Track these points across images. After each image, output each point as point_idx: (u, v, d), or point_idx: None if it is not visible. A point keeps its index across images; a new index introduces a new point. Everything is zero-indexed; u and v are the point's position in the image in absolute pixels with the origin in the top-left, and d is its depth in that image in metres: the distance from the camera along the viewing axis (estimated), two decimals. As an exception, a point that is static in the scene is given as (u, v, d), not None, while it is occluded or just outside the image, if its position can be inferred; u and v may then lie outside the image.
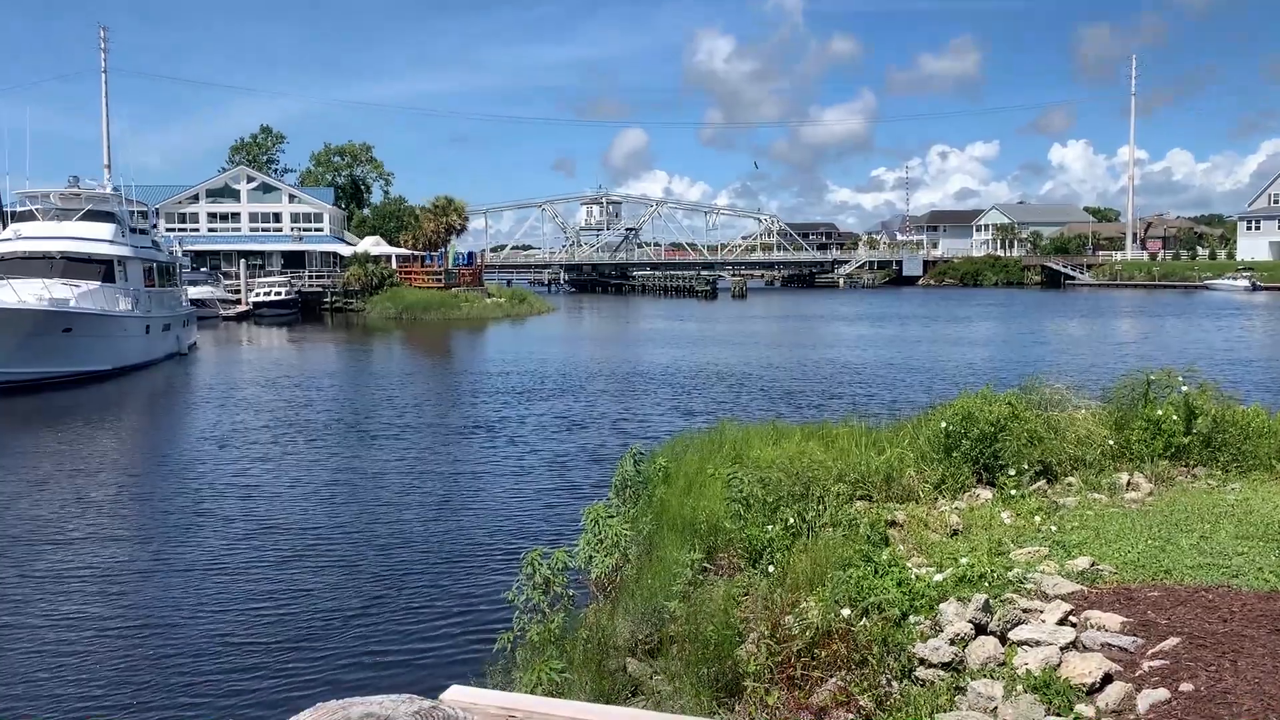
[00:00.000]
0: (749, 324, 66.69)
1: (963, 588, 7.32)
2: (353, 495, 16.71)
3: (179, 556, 13.27)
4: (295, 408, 27.18)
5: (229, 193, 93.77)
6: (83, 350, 33.21)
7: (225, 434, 22.89)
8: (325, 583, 12.10)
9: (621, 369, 36.42)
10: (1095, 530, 9.48)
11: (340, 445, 21.47)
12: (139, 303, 38.89)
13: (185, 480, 18.09)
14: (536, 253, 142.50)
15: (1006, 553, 8.79)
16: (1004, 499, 10.81)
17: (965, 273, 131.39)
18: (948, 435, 11.88)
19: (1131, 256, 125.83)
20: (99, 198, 40.38)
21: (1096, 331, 54.59)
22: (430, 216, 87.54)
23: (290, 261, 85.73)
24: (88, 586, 12.16)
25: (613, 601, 9.85)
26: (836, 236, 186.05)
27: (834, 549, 8.52)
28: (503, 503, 16.25)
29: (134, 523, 15.23)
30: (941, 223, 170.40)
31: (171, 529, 14.67)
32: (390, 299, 74.86)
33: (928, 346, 44.91)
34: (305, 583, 12.10)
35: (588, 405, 27.19)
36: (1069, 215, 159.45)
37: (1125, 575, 8.05)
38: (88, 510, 15.88)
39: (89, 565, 13.01)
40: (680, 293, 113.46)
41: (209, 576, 12.37)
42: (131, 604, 11.55)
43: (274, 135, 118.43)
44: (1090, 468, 11.91)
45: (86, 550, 13.67)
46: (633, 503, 11.73)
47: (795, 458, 11.75)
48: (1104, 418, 12.91)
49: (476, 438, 22.27)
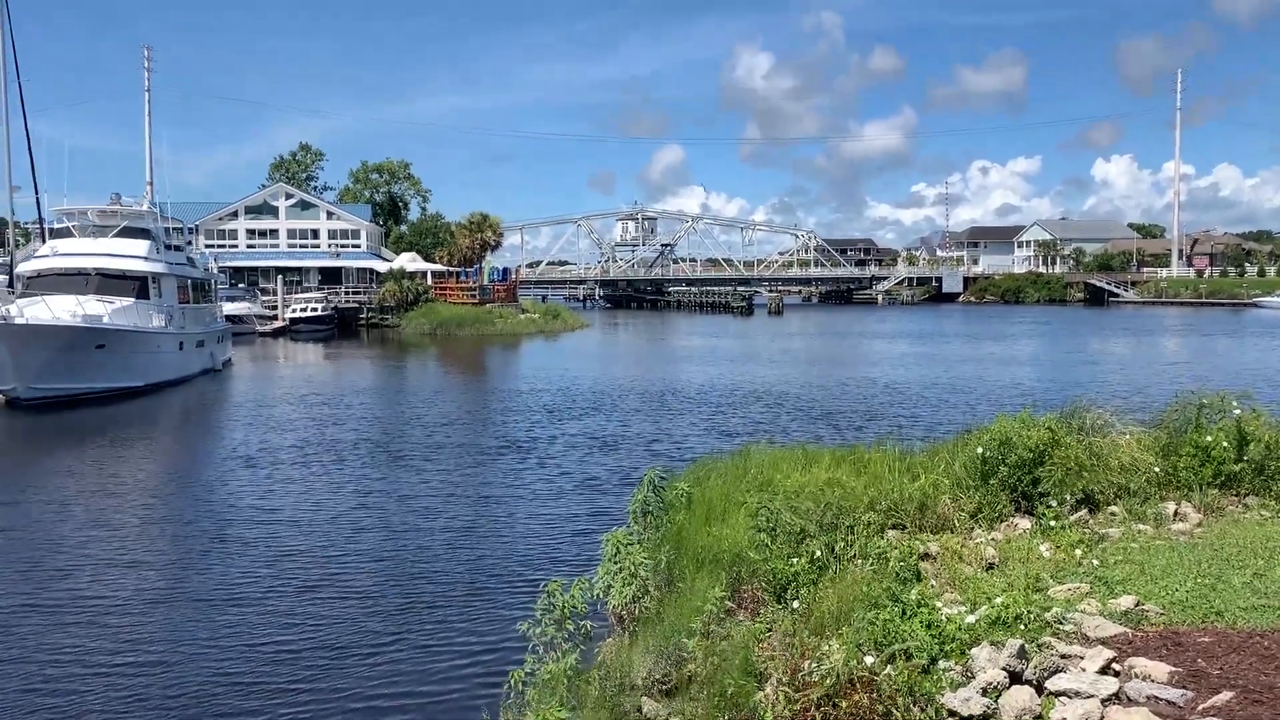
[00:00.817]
0: (785, 341, 66.10)
1: (997, 630, 6.87)
2: (377, 520, 16.45)
3: (197, 584, 13.07)
4: (325, 426, 27.09)
5: (268, 209, 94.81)
6: (116, 366, 33.40)
7: (254, 453, 22.81)
8: (343, 615, 11.81)
9: (655, 387, 36.07)
10: (1140, 565, 8.99)
11: (369, 466, 21.28)
12: (173, 319, 39.16)
13: (210, 502, 17.96)
14: (572, 268, 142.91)
15: (1045, 589, 8.33)
16: (1043, 530, 10.31)
17: (1006, 289, 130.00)
18: (984, 461, 11.41)
19: (1177, 273, 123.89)
20: (135, 214, 40.75)
21: (1142, 351, 53.45)
22: (465, 233, 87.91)
23: (327, 278, 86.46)
24: (103, 613, 11.98)
25: (631, 635, 9.47)
26: (875, 252, 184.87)
27: (862, 585, 8.10)
28: (530, 527, 15.91)
29: (154, 547, 15.07)
30: (982, 239, 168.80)
31: (192, 554, 14.49)
32: (425, 315, 75.18)
33: (968, 366, 44.14)
34: (322, 614, 11.82)
35: (620, 424, 26.86)
36: (1112, 231, 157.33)
37: (1173, 616, 7.56)
38: (109, 532, 15.76)
39: (106, 590, 12.84)
40: (716, 309, 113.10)
41: (225, 606, 12.14)
42: (144, 633, 11.33)
43: (313, 153, 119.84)
44: (1135, 496, 11.38)
45: (104, 574, 13.53)
46: (654, 529, 11.35)
47: (825, 485, 11.33)
48: (1150, 444, 12.35)
49: (506, 458, 22.00)
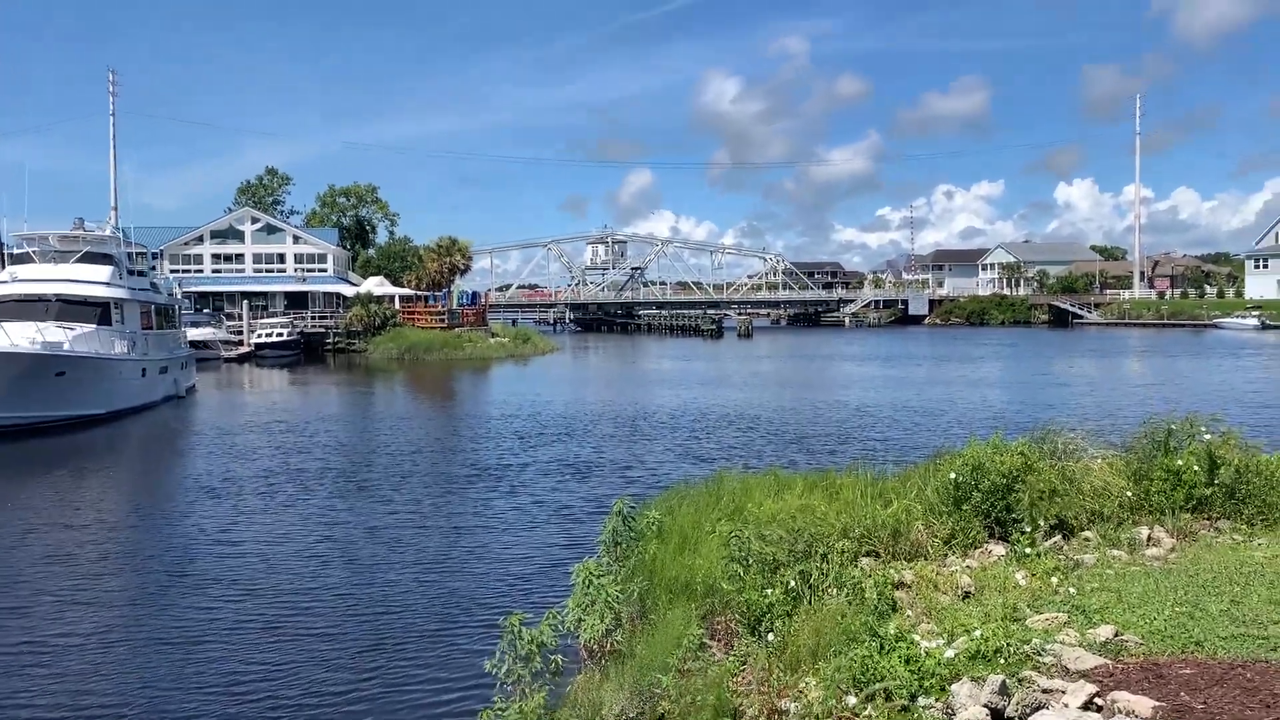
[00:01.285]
0: (755, 364, 66.12)
1: (977, 664, 6.72)
2: (344, 553, 16.02)
3: (156, 622, 12.56)
4: (290, 454, 26.61)
5: (233, 234, 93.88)
6: (76, 394, 32.76)
7: (216, 483, 22.28)
8: (306, 655, 11.40)
9: (627, 411, 35.82)
10: (1117, 592, 8.90)
11: (335, 496, 20.82)
12: (135, 345, 38.51)
13: (171, 535, 17.45)
14: (542, 292, 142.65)
15: (1023, 619, 8.20)
16: (1018, 557, 10.20)
17: (971, 311, 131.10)
18: (957, 487, 11.30)
19: (1139, 295, 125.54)
20: (97, 240, 40.09)
21: (1109, 372, 53.88)
22: (434, 256, 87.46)
23: (294, 302, 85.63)
24: (60, 653, 11.48)
25: (603, 671, 9.24)
26: (842, 275, 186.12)
27: (837, 616, 7.94)
28: (501, 559, 15.54)
29: (113, 583, 14.55)
30: (947, 262, 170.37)
31: (151, 591, 14.00)
32: (393, 339, 74.59)
33: (937, 388, 44.25)
34: (284, 655, 11.42)
35: (592, 450, 26.56)
36: (1075, 254, 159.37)
37: (1152, 646, 7.45)
38: (67, 568, 15.24)
39: (63, 629, 12.35)
40: (686, 331, 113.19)
41: (186, 645, 11.67)
42: (102, 674, 10.85)
43: (280, 177, 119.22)
44: (1108, 521, 11.35)
45: (62, 613, 13.02)
46: (625, 560, 11.13)
47: (798, 512, 11.18)
48: (1121, 468, 12.35)
49: (476, 486, 21.61)
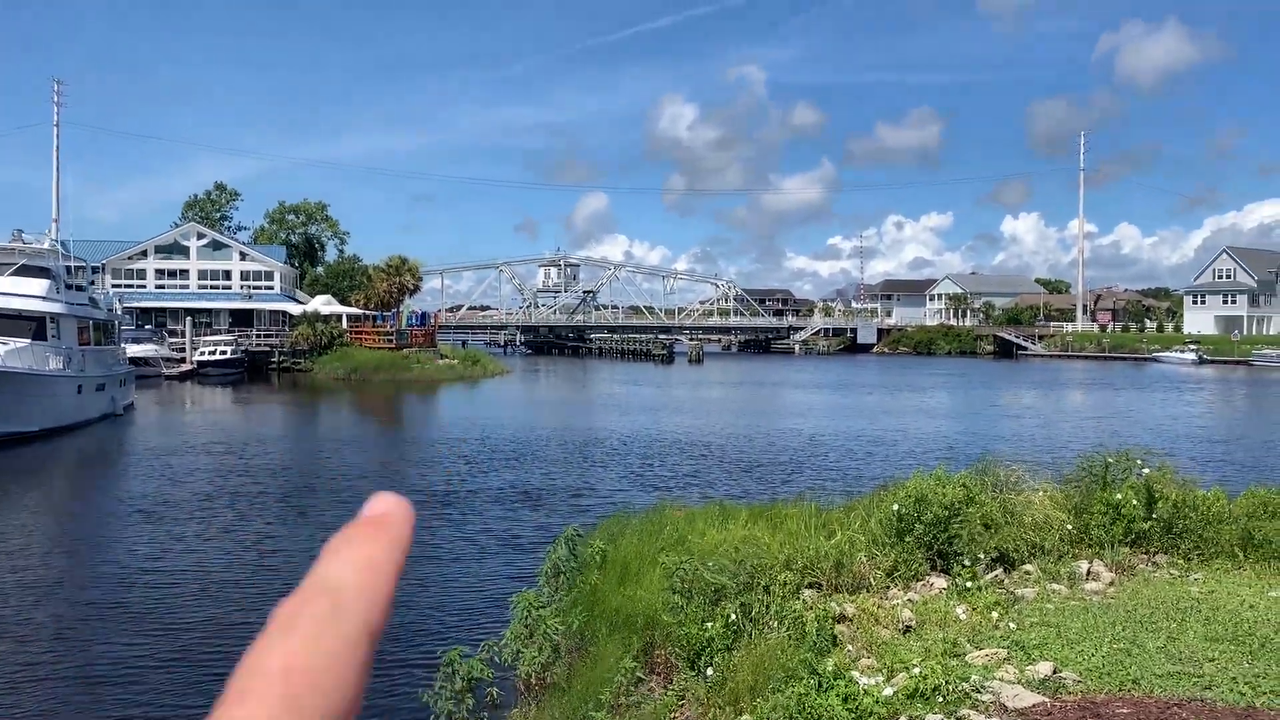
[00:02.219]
0: (706, 390, 66.21)
1: (915, 703, 6.66)
2: (281, 581, 15.45)
3: (81, 656, 11.94)
4: (229, 477, 25.97)
5: (178, 249, 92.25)
6: (9, 410, 31.80)
7: (151, 506, 21.58)
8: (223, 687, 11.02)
9: (577, 437, 35.54)
10: (1056, 628, 8.91)
11: (273, 522, 20.26)
12: (71, 361, 37.52)
13: (100, 562, 16.80)
14: (494, 313, 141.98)
15: (963, 655, 8.16)
16: (959, 590, 10.19)
17: (919, 341, 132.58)
18: (900, 519, 11.28)
19: (1082, 328, 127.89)
20: (34, 253, 39.12)
21: (1052, 404, 54.73)
22: (383, 276, 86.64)
23: (239, 320, 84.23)
24: None
25: (539, 705, 9.05)
26: (792, 303, 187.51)
27: (778, 652, 7.84)
28: (445, 588, 15.27)
29: (34, 614, 13.81)
30: (896, 291, 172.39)
31: (78, 622, 13.36)
32: (339, 359, 73.63)
33: (884, 418, 44.55)
34: (214, 689, 11.00)
35: (541, 476, 26.21)
36: (1021, 286, 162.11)
37: (1090, 684, 7.45)
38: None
39: None
40: (637, 356, 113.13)
41: (108, 683, 11.16)
42: (18, 714, 10.39)
43: (228, 192, 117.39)
44: (1049, 554, 11.38)
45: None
46: (566, 590, 10.95)
47: (741, 543, 11.08)
48: (1062, 501, 12.43)
49: (422, 513, 21.13)
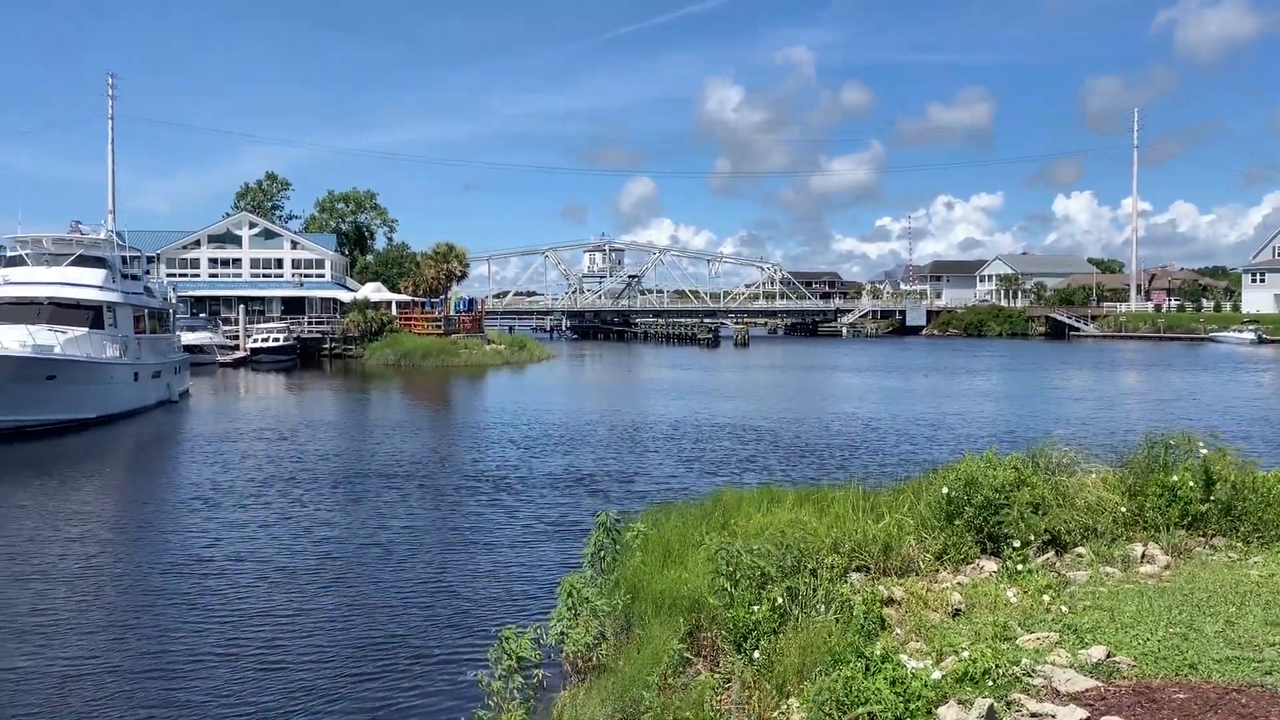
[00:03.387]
0: (752, 374, 65.96)
1: (965, 686, 6.56)
2: (336, 565, 15.71)
3: (139, 641, 12.14)
4: (284, 463, 26.35)
5: (231, 238, 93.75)
6: (67, 398, 32.58)
7: (207, 492, 21.96)
8: (292, 666, 11.17)
9: (623, 421, 35.62)
10: (1109, 611, 8.71)
11: (328, 508, 20.46)
12: (128, 349, 38.35)
13: (157, 547, 17.08)
14: (540, 299, 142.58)
15: (1013, 639, 8.02)
16: (1010, 573, 10.02)
17: (969, 323, 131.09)
18: (949, 502, 11.14)
19: (1136, 308, 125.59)
20: (91, 243, 39.98)
21: (1106, 385, 53.78)
22: (431, 263, 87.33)
23: (290, 307, 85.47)
24: (33, 677, 11.06)
25: (587, 685, 9.08)
26: (840, 285, 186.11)
27: (825, 635, 7.78)
28: (495, 571, 15.28)
29: (94, 598, 14.08)
30: (945, 273, 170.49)
31: (136, 607, 13.56)
32: (389, 345, 74.44)
33: (933, 400, 44.15)
34: (270, 665, 11.21)
35: (589, 461, 26.30)
36: (1073, 266, 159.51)
37: (1145, 669, 7.28)
38: (49, 580, 14.86)
39: (38, 646, 11.95)
40: (682, 340, 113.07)
41: (167, 665, 11.33)
42: (75, 697, 10.49)
43: (279, 182, 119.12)
44: (1102, 537, 11.14)
45: (38, 632, 12.56)
46: (609, 573, 10.97)
47: (787, 526, 11.01)
48: (1115, 483, 12.16)
49: (472, 498, 21.31)
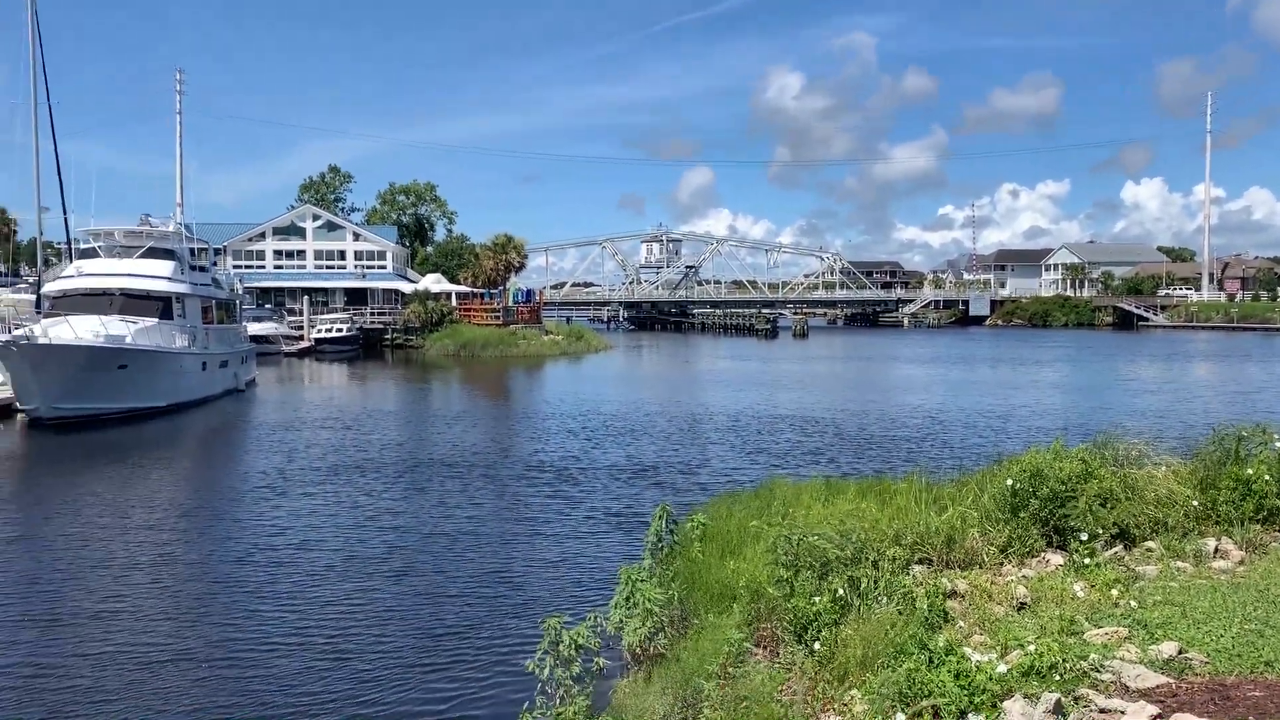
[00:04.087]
0: (812, 365, 65.48)
1: (1030, 681, 6.44)
2: (400, 554, 15.90)
3: (208, 626, 12.40)
4: (348, 451, 26.77)
5: (295, 231, 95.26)
6: (138, 386, 33.40)
7: (272, 480, 22.40)
8: (355, 651, 11.36)
9: (682, 412, 35.58)
10: (1181, 607, 8.50)
11: (392, 495, 20.73)
12: (196, 339, 39.23)
13: (223, 534, 17.40)
14: (597, 290, 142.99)
15: (1080, 633, 7.86)
16: (1076, 567, 9.83)
17: (1034, 313, 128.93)
18: (1014, 494, 10.94)
19: (1208, 298, 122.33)
20: (160, 235, 40.91)
21: (1176, 376, 52.51)
22: (490, 254, 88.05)
23: (353, 298, 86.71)
24: (105, 663, 11.33)
25: (646, 675, 9.10)
26: (901, 275, 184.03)
27: (887, 626, 7.69)
28: (555, 561, 15.38)
29: (162, 587, 14.33)
30: (1009, 262, 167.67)
31: (204, 592, 13.86)
32: (449, 336, 75.24)
33: (998, 392, 43.49)
34: (334, 649, 11.41)
35: (648, 451, 26.30)
36: (1142, 255, 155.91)
37: (1219, 666, 7.09)
38: (120, 567, 15.22)
39: (109, 635, 12.16)
40: (740, 331, 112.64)
41: (233, 650, 11.58)
42: (140, 692, 10.71)
43: (341, 175, 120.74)
44: (1172, 532, 10.87)
45: (111, 618, 12.84)
46: (667, 563, 10.97)
47: (847, 517, 10.91)
48: (1187, 476, 11.86)
49: (533, 488, 21.41)
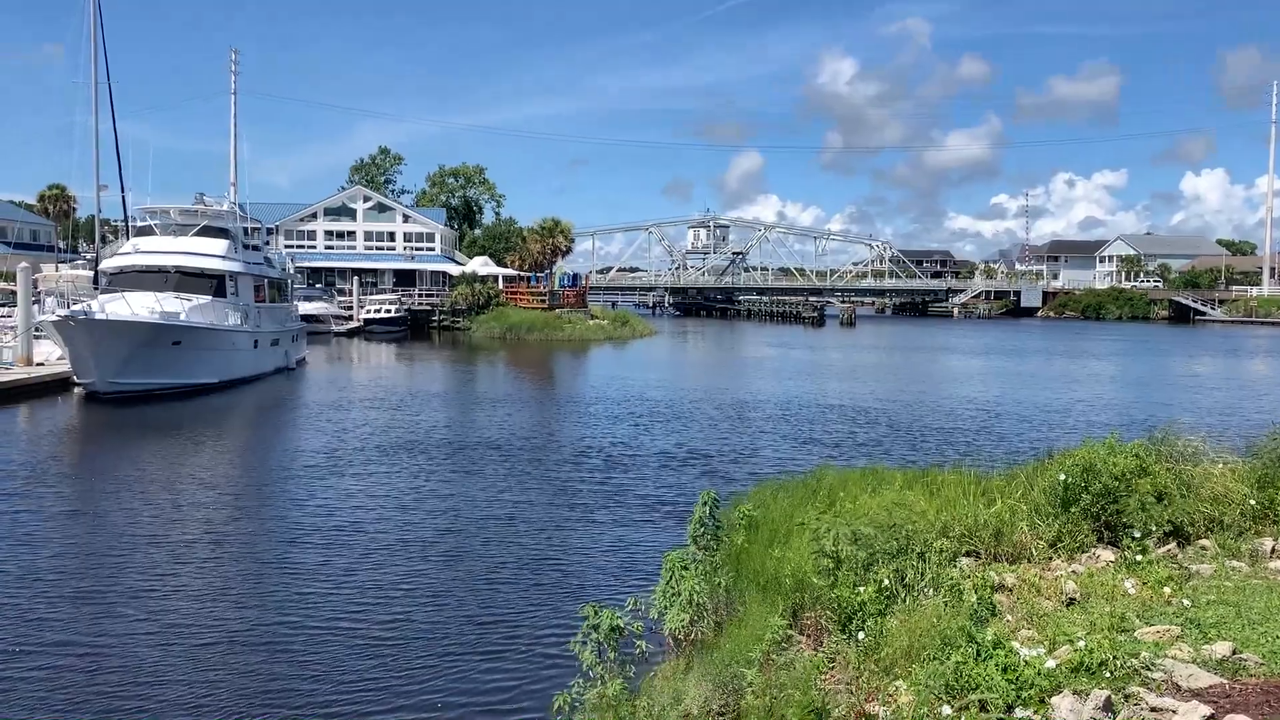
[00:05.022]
0: (860, 354, 64.97)
1: (1080, 677, 6.35)
2: (448, 537, 15.94)
3: (253, 612, 12.37)
4: (395, 431, 26.98)
5: (346, 212, 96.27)
6: (191, 363, 33.97)
7: (320, 460, 22.59)
8: (398, 631, 11.47)
9: (727, 399, 35.44)
10: (1235, 607, 8.33)
11: (440, 477, 20.78)
12: (248, 317, 39.80)
13: (271, 513, 17.52)
14: (643, 275, 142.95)
15: (1131, 631, 7.73)
16: (1128, 563, 9.66)
17: (1086, 305, 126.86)
18: (1066, 488, 10.78)
19: (1269, 292, 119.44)
20: (215, 214, 41.56)
21: (1234, 372, 51.39)
22: (537, 238, 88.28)
23: (402, 280, 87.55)
24: (149, 642, 11.35)
25: (687, 660, 9.09)
26: (952, 264, 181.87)
27: (933, 618, 7.61)
28: (605, 547, 15.37)
29: (208, 564, 14.40)
30: (1063, 253, 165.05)
31: (250, 577, 13.79)
32: (495, 318, 75.69)
33: (1049, 384, 42.87)
34: (375, 629, 11.52)
35: (694, 438, 26.17)
36: (1199, 248, 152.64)
37: (1274, 667, 6.94)
38: (167, 545, 15.27)
39: (153, 614, 12.12)
40: (786, 319, 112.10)
41: (277, 629, 11.69)
42: (191, 666, 10.83)
43: (392, 156, 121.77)
44: (1228, 530, 10.66)
45: (157, 596, 12.88)
46: (713, 551, 10.95)
47: (894, 507, 10.81)
48: (1244, 474, 11.59)
49: (579, 473, 21.38)
